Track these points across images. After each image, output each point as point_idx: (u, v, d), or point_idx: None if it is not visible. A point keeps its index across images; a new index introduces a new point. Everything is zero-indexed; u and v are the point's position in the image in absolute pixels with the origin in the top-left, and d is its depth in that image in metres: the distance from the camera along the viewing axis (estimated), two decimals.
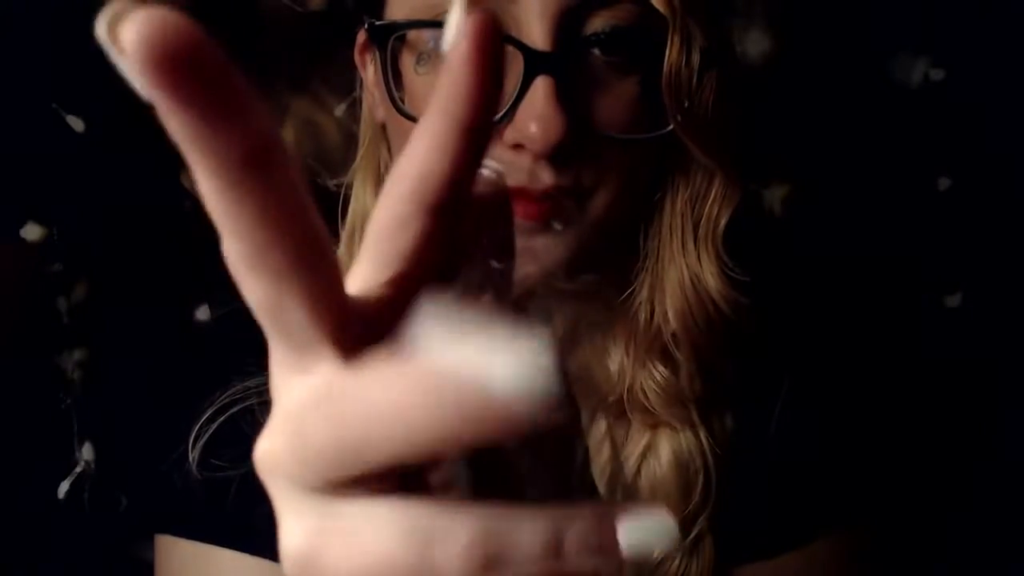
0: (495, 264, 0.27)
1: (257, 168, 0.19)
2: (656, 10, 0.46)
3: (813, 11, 0.85)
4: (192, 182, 0.20)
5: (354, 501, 0.21)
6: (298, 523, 0.22)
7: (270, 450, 0.22)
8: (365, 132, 0.58)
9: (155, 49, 0.17)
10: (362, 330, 0.22)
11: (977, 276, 0.88)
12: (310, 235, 0.20)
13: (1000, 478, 0.88)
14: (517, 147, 0.47)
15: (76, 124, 0.77)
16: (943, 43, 0.85)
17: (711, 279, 0.54)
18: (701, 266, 0.54)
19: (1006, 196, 0.87)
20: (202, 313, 0.80)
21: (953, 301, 0.89)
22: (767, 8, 0.84)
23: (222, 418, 0.53)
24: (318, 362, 0.21)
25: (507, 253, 0.28)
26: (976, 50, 0.85)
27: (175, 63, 0.17)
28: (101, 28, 0.18)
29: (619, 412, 0.56)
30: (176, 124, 0.18)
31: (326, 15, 0.79)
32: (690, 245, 0.54)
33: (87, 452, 0.80)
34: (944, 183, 0.87)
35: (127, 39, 0.17)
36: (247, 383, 0.54)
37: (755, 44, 0.84)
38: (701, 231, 0.54)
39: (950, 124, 0.86)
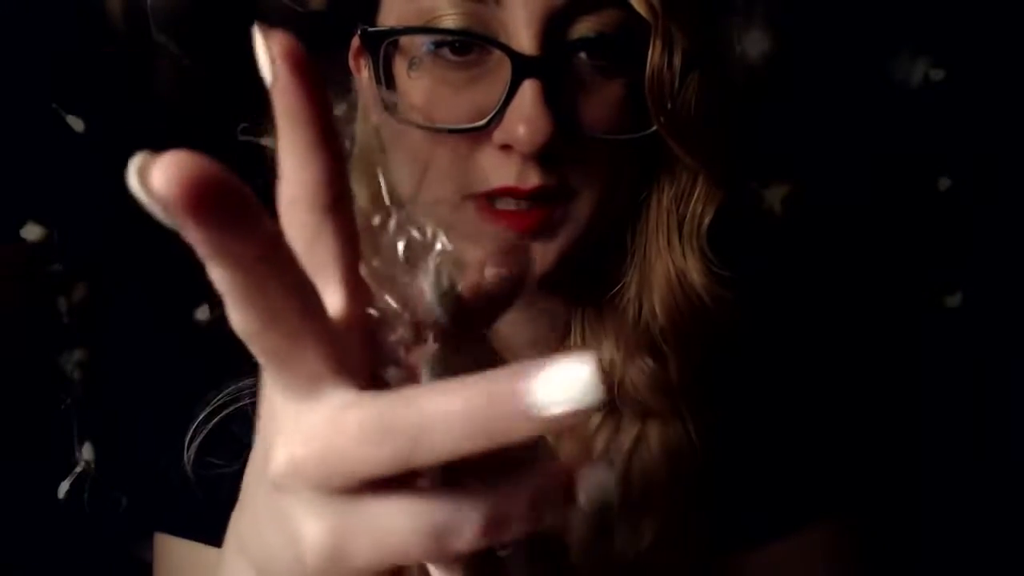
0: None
1: (264, 264, 0.22)
2: (639, 14, 0.47)
3: (813, 11, 0.85)
4: None
5: (371, 500, 0.24)
6: (320, 523, 0.25)
7: (293, 462, 0.24)
8: (359, 135, 0.58)
9: (182, 193, 0.20)
10: (346, 353, 0.25)
11: (977, 276, 0.88)
12: (311, 299, 0.24)
13: (1000, 478, 0.88)
14: (506, 148, 0.48)
15: (76, 124, 0.77)
16: (943, 43, 0.85)
17: (696, 275, 0.55)
18: (687, 263, 0.55)
19: (1006, 196, 0.87)
20: (202, 313, 0.80)
21: (953, 301, 0.89)
22: (767, 8, 0.84)
23: (217, 418, 0.54)
24: (328, 391, 0.25)
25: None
26: (976, 50, 0.85)
27: (200, 201, 0.20)
28: (132, 178, 0.21)
29: (610, 407, 0.57)
30: (200, 245, 0.21)
31: (326, 15, 0.79)
32: (675, 242, 0.55)
33: (87, 452, 0.80)
34: (944, 183, 0.87)
35: (156, 186, 0.20)
36: (240, 384, 0.54)
37: (755, 44, 0.84)
38: (686, 229, 0.55)
39: (950, 124, 0.86)
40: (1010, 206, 0.87)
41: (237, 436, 0.54)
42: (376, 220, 0.29)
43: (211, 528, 0.54)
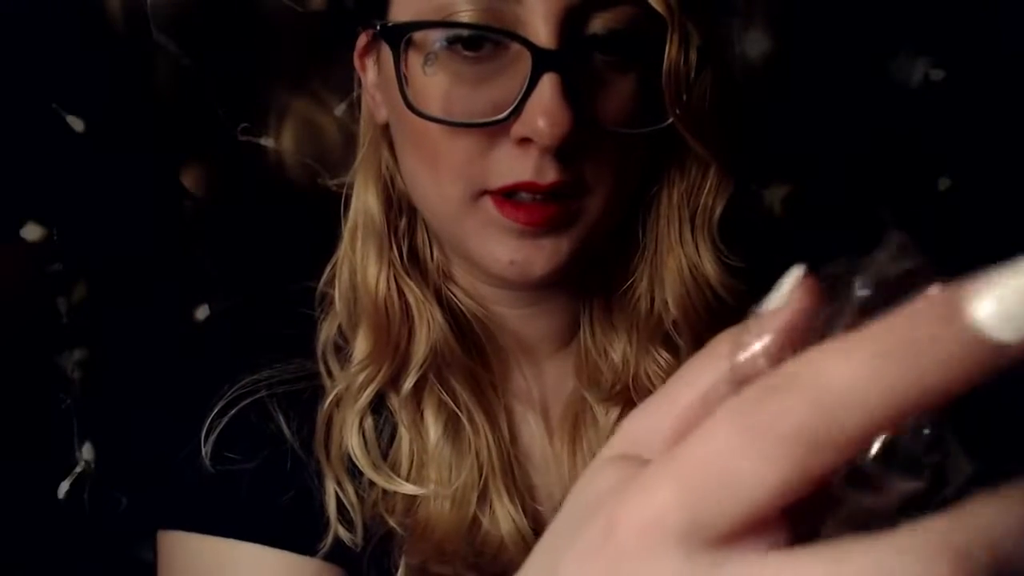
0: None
1: None
2: (654, 10, 0.48)
3: (813, 11, 0.85)
4: (192, 182, 0.20)
5: (755, 560, 0.18)
6: None
7: (659, 508, 0.19)
8: (365, 133, 0.58)
9: None
10: None
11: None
12: None
13: (1000, 478, 0.88)
14: (523, 143, 0.48)
15: (76, 124, 0.77)
16: (943, 43, 0.85)
17: (708, 267, 0.56)
18: (699, 255, 0.56)
19: (1006, 196, 0.87)
20: (202, 313, 0.80)
21: None
22: (767, 8, 0.84)
23: (232, 411, 0.53)
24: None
25: None
26: (976, 50, 0.85)
27: None
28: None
29: (626, 400, 0.57)
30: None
31: (326, 15, 0.79)
32: (687, 235, 0.56)
33: (87, 452, 0.80)
34: (944, 183, 0.87)
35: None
36: (256, 376, 0.54)
37: (755, 44, 0.84)
38: (697, 221, 0.56)
39: (950, 124, 0.86)
40: (1010, 206, 0.87)
41: (252, 429, 0.53)
42: None
43: (230, 521, 0.53)
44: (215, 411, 0.53)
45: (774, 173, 0.86)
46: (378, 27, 0.51)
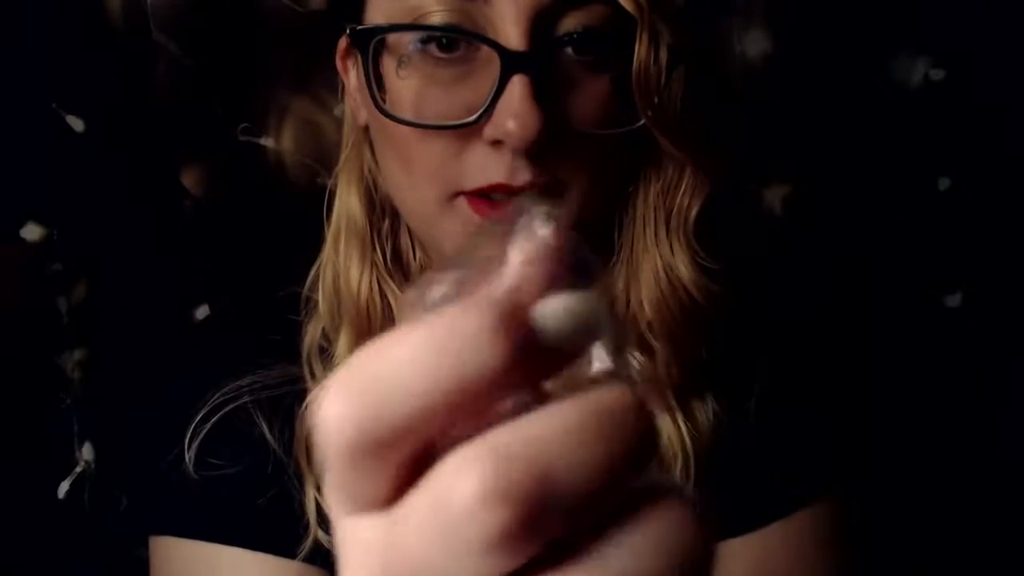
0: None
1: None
2: (625, 10, 0.48)
3: (813, 11, 0.85)
4: (192, 182, 0.20)
5: None
6: None
7: None
8: (348, 135, 0.59)
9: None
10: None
11: (977, 276, 0.88)
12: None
13: (999, 478, 0.88)
14: (496, 144, 0.48)
15: (76, 124, 0.77)
16: (943, 43, 0.85)
17: (683, 268, 0.55)
18: (674, 256, 0.55)
19: (1006, 196, 0.87)
20: (202, 313, 0.81)
21: (953, 301, 0.89)
22: (767, 8, 0.84)
23: (216, 417, 0.54)
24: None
25: None
26: (976, 50, 0.85)
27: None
28: None
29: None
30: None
31: (326, 15, 0.79)
32: (663, 236, 0.56)
33: (87, 452, 0.80)
34: (944, 183, 0.87)
35: None
36: (239, 382, 0.55)
37: (755, 44, 0.84)
38: (673, 222, 0.56)
39: (950, 124, 0.86)
40: (1010, 206, 0.87)
41: (236, 434, 0.54)
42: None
43: (215, 527, 0.54)
44: (199, 417, 0.54)
45: (774, 173, 0.86)
46: (348, 31, 0.51)
